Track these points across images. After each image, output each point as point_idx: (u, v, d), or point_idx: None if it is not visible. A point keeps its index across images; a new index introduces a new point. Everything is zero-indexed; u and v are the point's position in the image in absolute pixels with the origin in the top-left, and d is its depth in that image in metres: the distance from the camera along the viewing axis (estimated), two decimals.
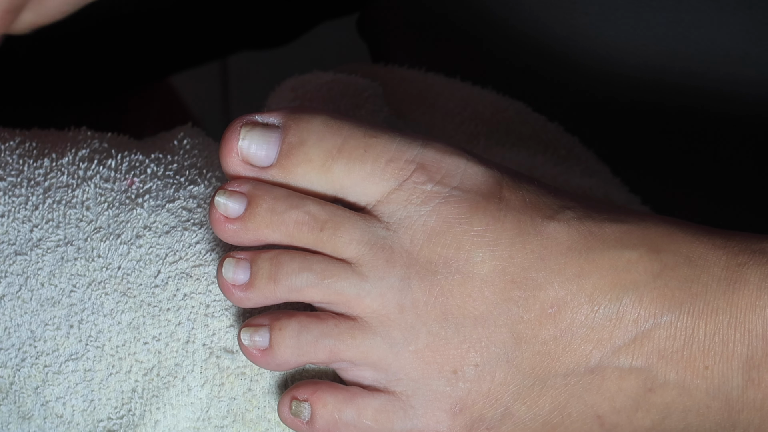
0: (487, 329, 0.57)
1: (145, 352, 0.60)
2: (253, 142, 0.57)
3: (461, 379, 0.57)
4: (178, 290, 0.61)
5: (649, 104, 0.79)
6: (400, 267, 0.57)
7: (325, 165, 0.57)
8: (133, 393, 0.61)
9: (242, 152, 0.58)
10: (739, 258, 0.57)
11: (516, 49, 0.80)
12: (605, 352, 0.57)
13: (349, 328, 0.57)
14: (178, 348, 0.60)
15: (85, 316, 0.61)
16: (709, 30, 0.77)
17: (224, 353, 0.60)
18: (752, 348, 0.56)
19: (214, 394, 0.60)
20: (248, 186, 0.58)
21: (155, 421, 0.60)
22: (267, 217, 0.57)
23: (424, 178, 0.57)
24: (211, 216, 0.58)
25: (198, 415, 0.60)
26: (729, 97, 0.78)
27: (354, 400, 0.58)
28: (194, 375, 0.60)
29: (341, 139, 0.57)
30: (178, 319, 0.60)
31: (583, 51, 0.78)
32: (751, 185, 0.80)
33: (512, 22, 0.80)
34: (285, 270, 0.57)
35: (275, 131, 0.58)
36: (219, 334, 0.60)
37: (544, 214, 0.58)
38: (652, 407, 0.57)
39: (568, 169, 0.75)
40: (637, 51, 0.78)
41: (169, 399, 0.60)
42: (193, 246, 0.61)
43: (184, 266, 0.61)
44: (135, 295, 0.61)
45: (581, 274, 0.57)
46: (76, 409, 0.61)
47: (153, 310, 0.61)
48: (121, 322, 0.61)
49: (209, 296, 0.61)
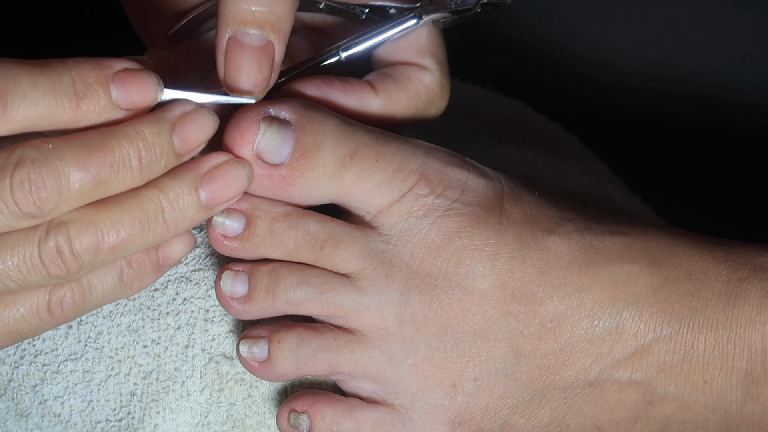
0: (487, 344, 0.57)
1: (145, 355, 0.60)
2: (271, 138, 0.56)
3: (460, 393, 0.57)
4: (177, 294, 0.61)
5: (649, 103, 0.79)
6: (400, 281, 0.57)
7: (338, 172, 0.57)
8: (132, 396, 0.60)
9: (258, 147, 0.56)
10: (739, 273, 0.57)
11: (516, 48, 0.80)
12: (605, 365, 0.57)
13: (348, 342, 0.57)
14: (177, 352, 0.60)
15: (84, 317, 0.61)
16: (709, 30, 0.77)
17: (223, 359, 0.60)
18: (751, 363, 0.56)
19: (213, 400, 0.60)
20: (247, 204, 0.57)
21: (154, 425, 0.60)
22: (266, 238, 0.57)
23: (427, 190, 0.57)
24: (210, 234, 0.57)
25: (197, 420, 0.60)
26: (729, 97, 0.78)
27: (352, 413, 0.58)
28: (194, 380, 0.60)
29: (354, 146, 0.57)
30: (178, 324, 0.60)
31: (583, 50, 0.78)
32: (750, 182, 0.80)
33: (513, 23, 0.80)
34: (283, 284, 0.57)
35: (289, 129, 0.56)
36: (218, 340, 0.60)
37: (544, 228, 0.58)
38: (651, 419, 0.58)
39: (569, 167, 0.75)
40: (637, 51, 0.78)
41: (169, 403, 0.60)
42: (194, 250, 0.61)
43: (184, 270, 0.61)
44: (134, 298, 0.61)
45: (581, 289, 0.57)
46: (74, 409, 0.61)
47: (152, 313, 0.60)
48: (120, 324, 0.61)
49: (209, 301, 0.60)
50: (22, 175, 0.49)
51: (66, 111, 0.50)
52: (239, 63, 0.55)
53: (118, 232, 0.51)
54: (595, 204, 0.72)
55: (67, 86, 0.50)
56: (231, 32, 0.55)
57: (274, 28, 0.55)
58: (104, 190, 0.51)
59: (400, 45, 0.63)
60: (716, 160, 0.79)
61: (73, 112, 0.50)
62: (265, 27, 0.55)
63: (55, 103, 0.50)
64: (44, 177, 0.49)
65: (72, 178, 0.50)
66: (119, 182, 0.51)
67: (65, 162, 0.50)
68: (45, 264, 0.50)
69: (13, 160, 0.49)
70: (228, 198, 0.55)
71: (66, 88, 0.50)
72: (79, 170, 0.50)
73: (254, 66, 0.55)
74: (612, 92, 0.79)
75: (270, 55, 0.55)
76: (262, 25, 0.55)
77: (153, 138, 0.52)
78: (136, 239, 0.52)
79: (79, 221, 0.51)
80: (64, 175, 0.49)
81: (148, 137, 0.52)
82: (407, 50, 0.63)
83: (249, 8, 0.55)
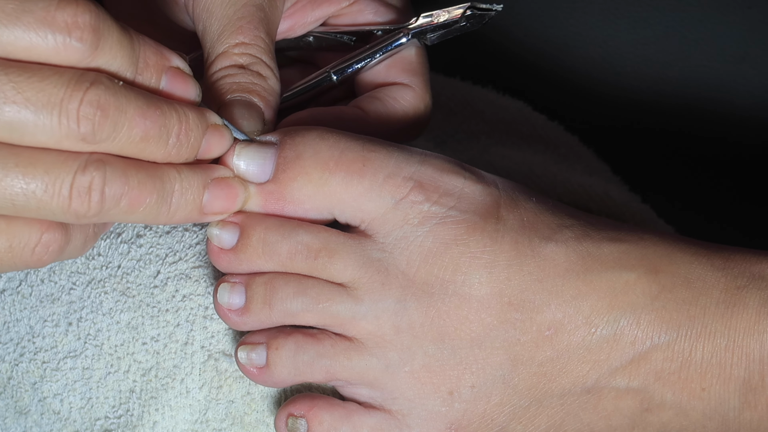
0: (484, 351, 0.57)
1: (144, 352, 0.60)
2: (248, 158, 0.57)
3: (457, 400, 0.58)
4: (177, 291, 0.61)
5: (649, 103, 0.79)
6: (396, 289, 0.57)
7: (322, 178, 0.57)
8: (131, 393, 0.61)
9: (238, 170, 0.57)
10: (738, 281, 0.57)
11: (516, 48, 0.80)
12: (602, 373, 0.57)
13: (345, 349, 0.58)
14: (176, 349, 0.60)
15: (84, 314, 0.61)
16: (709, 30, 0.77)
17: (222, 356, 0.60)
18: (749, 371, 0.56)
19: (212, 397, 0.60)
20: (241, 216, 0.58)
21: (153, 422, 0.60)
22: (259, 248, 0.57)
23: (422, 198, 0.57)
24: (208, 248, 0.58)
25: (196, 418, 0.60)
26: (728, 97, 0.78)
27: (350, 418, 0.58)
28: (193, 377, 0.60)
29: (338, 151, 0.57)
30: (177, 321, 0.60)
31: (583, 50, 0.78)
32: (750, 182, 0.80)
33: (513, 21, 0.80)
34: (280, 295, 0.57)
35: (271, 147, 0.58)
36: (218, 337, 0.60)
37: (542, 235, 0.58)
38: (648, 426, 0.58)
39: (569, 167, 0.75)
40: (637, 50, 0.78)
41: (168, 400, 0.60)
42: (194, 247, 0.61)
43: (183, 267, 0.61)
44: (134, 295, 0.61)
45: (579, 296, 0.57)
46: (74, 406, 0.61)
47: (152, 310, 0.61)
48: (120, 321, 0.61)
49: (208, 298, 0.60)
50: (94, 95, 0.50)
51: (126, 78, 0.52)
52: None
53: (139, 193, 0.52)
54: (594, 203, 0.72)
55: (135, 57, 0.52)
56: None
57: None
58: (142, 149, 0.52)
59: (383, 65, 0.65)
60: (716, 159, 0.79)
61: (129, 82, 0.52)
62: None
63: (126, 66, 0.52)
64: (111, 105, 0.50)
65: (129, 121, 0.51)
66: (154, 148, 0.53)
67: (129, 103, 0.51)
68: (72, 195, 0.51)
69: (89, 78, 0.50)
70: (221, 210, 0.56)
71: (135, 58, 0.52)
72: (138, 116, 0.51)
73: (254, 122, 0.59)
74: (612, 92, 0.79)
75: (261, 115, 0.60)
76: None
77: (193, 126, 0.54)
78: (146, 208, 0.53)
79: (116, 167, 0.51)
80: (125, 114, 0.51)
81: (191, 123, 0.54)
82: (391, 70, 0.65)
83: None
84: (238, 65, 0.59)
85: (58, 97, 0.49)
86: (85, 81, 0.50)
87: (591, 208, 0.72)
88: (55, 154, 0.50)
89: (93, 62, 0.50)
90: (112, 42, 0.51)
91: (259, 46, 0.60)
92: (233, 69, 0.59)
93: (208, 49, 0.61)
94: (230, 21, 0.60)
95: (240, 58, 0.60)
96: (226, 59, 0.60)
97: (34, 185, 0.50)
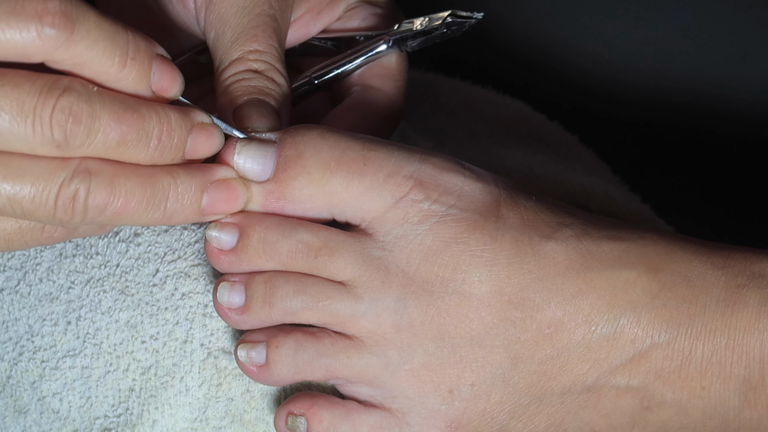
0: (484, 349, 0.57)
1: (143, 350, 0.60)
2: (249, 156, 0.57)
3: (457, 398, 0.58)
4: (176, 289, 0.61)
5: (649, 103, 0.79)
6: (396, 287, 0.57)
7: (323, 178, 0.57)
8: (131, 392, 0.60)
9: (238, 168, 0.57)
10: (738, 279, 0.57)
11: (516, 47, 0.80)
12: (602, 371, 0.57)
13: (345, 348, 0.58)
14: (176, 347, 0.60)
15: (83, 313, 0.61)
16: (709, 30, 0.77)
17: (222, 354, 0.60)
18: (749, 370, 0.56)
19: (211, 395, 0.60)
20: (240, 216, 0.58)
21: (153, 421, 0.60)
22: (260, 248, 0.57)
23: (422, 196, 0.57)
24: (207, 250, 0.58)
25: (196, 416, 0.60)
26: (729, 96, 0.78)
27: (350, 416, 0.58)
28: (192, 375, 0.60)
29: (339, 151, 0.57)
30: (176, 319, 0.60)
31: (583, 50, 0.78)
32: (749, 181, 0.80)
33: (513, 21, 0.80)
34: (280, 293, 0.57)
35: (272, 145, 0.58)
36: (217, 335, 0.60)
37: (542, 233, 0.58)
38: (648, 424, 0.58)
39: (568, 167, 0.75)
40: (637, 50, 0.78)
41: (167, 399, 0.60)
42: (192, 245, 0.61)
43: (182, 265, 0.61)
44: (133, 294, 0.61)
45: (579, 295, 0.57)
46: (73, 405, 0.61)
47: (151, 309, 0.61)
48: (119, 320, 0.61)
49: (207, 296, 0.60)
50: (66, 102, 0.50)
51: (114, 65, 0.52)
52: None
53: (127, 202, 0.53)
54: (594, 203, 0.72)
55: (123, 42, 0.52)
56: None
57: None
58: (121, 153, 0.52)
59: (361, 70, 0.66)
60: (716, 159, 0.79)
61: (118, 69, 0.52)
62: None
63: (109, 52, 0.52)
64: (83, 113, 0.51)
65: (103, 127, 0.51)
66: (134, 151, 0.53)
67: (104, 109, 0.51)
68: (57, 205, 0.52)
69: (62, 85, 0.50)
70: (222, 212, 0.57)
71: (122, 44, 0.52)
72: (113, 122, 0.51)
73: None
74: (612, 92, 0.79)
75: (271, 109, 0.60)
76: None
77: (176, 126, 0.54)
78: (134, 215, 0.53)
79: (102, 177, 0.52)
80: (98, 120, 0.51)
81: (173, 123, 0.54)
82: (365, 74, 0.66)
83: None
84: (253, 70, 0.60)
85: (31, 105, 0.50)
86: (58, 88, 0.50)
87: (591, 208, 0.72)
88: (45, 162, 0.51)
89: (72, 49, 0.50)
90: (89, 26, 0.51)
91: (273, 54, 0.61)
92: (248, 73, 0.60)
93: (221, 55, 0.61)
94: (245, 29, 0.61)
95: (254, 63, 0.60)
96: (241, 65, 0.60)
97: (25, 192, 0.51)
